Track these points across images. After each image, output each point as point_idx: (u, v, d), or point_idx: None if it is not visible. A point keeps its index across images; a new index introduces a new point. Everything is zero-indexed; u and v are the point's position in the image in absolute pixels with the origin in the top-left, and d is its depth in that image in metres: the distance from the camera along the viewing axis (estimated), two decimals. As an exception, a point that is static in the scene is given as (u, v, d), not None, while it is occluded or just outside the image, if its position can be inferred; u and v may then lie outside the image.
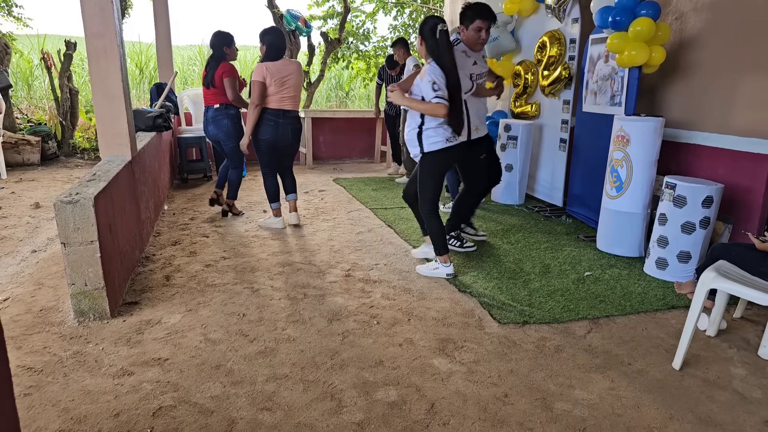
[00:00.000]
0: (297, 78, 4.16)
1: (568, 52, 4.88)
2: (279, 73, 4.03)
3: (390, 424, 1.97)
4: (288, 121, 4.17)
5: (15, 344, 2.47)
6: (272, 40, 4.06)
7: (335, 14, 10.65)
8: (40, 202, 5.15)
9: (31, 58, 10.34)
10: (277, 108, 4.09)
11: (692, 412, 2.10)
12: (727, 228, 3.62)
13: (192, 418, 1.98)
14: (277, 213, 4.46)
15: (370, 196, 5.71)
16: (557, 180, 5.15)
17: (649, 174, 3.73)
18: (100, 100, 3.32)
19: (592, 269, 3.60)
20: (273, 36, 4.07)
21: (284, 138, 4.20)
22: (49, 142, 7.48)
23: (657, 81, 4.30)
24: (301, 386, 2.19)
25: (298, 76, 4.17)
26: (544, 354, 2.50)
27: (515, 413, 2.05)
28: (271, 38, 4.06)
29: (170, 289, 3.16)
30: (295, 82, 4.14)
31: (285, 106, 4.12)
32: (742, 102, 3.58)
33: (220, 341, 2.55)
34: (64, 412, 1.99)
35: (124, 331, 2.63)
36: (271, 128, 4.13)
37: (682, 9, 4.06)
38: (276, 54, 4.07)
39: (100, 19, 3.15)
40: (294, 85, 4.14)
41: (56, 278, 3.28)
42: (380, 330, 2.70)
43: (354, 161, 8.38)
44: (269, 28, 4.14)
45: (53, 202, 2.57)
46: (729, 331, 2.79)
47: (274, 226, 4.45)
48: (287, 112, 4.15)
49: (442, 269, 3.40)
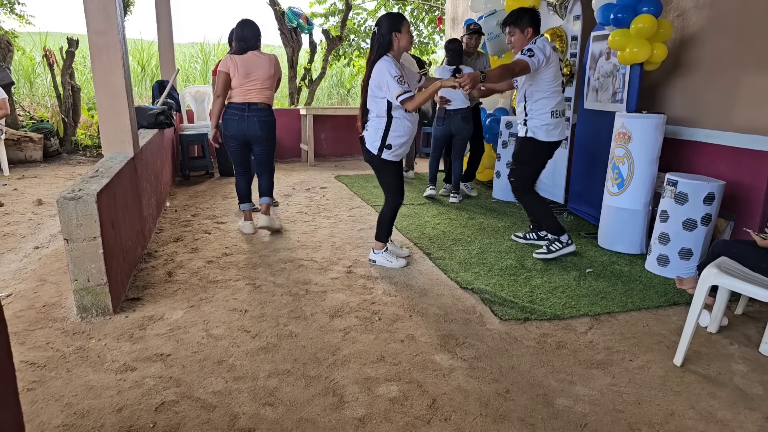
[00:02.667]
0: (266, 71, 3.98)
1: (569, 49, 4.87)
2: (245, 64, 3.92)
3: (391, 419, 1.98)
4: (254, 113, 3.98)
5: (18, 340, 2.48)
6: (240, 33, 3.96)
7: (337, 11, 10.65)
8: (42, 198, 5.16)
9: (33, 55, 10.35)
10: (242, 101, 3.96)
11: (693, 408, 2.10)
12: (729, 225, 3.62)
13: (194, 413, 1.99)
14: (247, 216, 4.24)
15: (372, 193, 5.71)
16: (558, 177, 5.15)
17: (651, 171, 3.72)
18: (103, 97, 3.33)
19: (593, 266, 3.60)
20: (241, 28, 3.97)
21: (252, 130, 4.00)
22: (51, 139, 7.50)
23: (658, 78, 4.29)
24: (303, 382, 2.20)
25: (267, 69, 3.99)
26: (546, 350, 2.51)
27: (516, 409, 2.06)
28: (238, 30, 3.97)
29: (172, 285, 3.17)
30: (263, 75, 3.97)
31: (250, 99, 3.96)
32: (743, 99, 3.57)
33: (222, 337, 2.56)
34: (67, 407, 2.01)
35: (127, 326, 2.64)
36: (235, 123, 3.97)
37: (684, 6, 4.05)
38: (244, 46, 3.96)
39: (103, 16, 3.16)
40: (261, 78, 3.96)
41: (59, 274, 3.29)
42: (382, 326, 2.71)
43: (355, 158, 8.38)
44: (240, 20, 4.04)
45: (56, 199, 2.58)
46: (730, 328, 2.79)
47: (243, 230, 4.23)
48: (253, 104, 3.97)
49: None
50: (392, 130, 3.26)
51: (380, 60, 3.18)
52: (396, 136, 3.28)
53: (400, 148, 3.34)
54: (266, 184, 4.26)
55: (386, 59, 3.17)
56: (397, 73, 3.12)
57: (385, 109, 3.23)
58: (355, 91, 13.60)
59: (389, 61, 3.16)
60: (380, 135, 3.28)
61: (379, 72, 3.16)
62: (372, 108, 3.29)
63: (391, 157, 3.34)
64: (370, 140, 3.34)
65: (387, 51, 3.20)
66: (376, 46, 3.21)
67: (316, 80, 10.09)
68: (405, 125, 3.28)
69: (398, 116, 3.25)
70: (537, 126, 3.59)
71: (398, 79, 3.11)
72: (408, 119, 3.28)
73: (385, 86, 3.15)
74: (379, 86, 3.18)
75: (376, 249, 3.59)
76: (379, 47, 3.20)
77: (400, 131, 3.27)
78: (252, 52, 3.98)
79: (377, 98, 3.23)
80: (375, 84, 3.20)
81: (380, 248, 3.58)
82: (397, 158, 3.37)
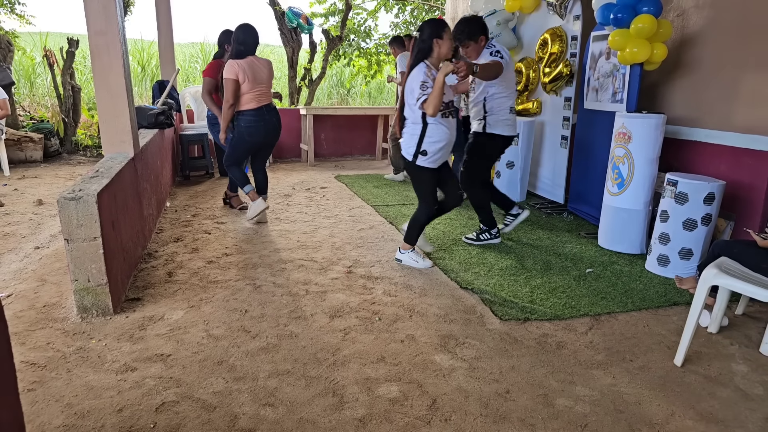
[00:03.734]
0: (267, 74, 4.16)
1: (569, 49, 4.88)
2: (251, 69, 4.00)
3: (392, 419, 1.98)
4: (272, 114, 4.17)
5: (19, 340, 2.48)
6: (240, 36, 4.00)
7: (337, 11, 10.63)
8: (42, 198, 5.16)
9: (33, 55, 10.33)
10: (258, 106, 4.07)
11: (694, 408, 2.10)
12: (729, 225, 3.62)
13: (195, 414, 1.99)
14: (254, 195, 4.35)
15: (372, 193, 5.71)
16: (559, 177, 5.15)
17: (651, 171, 3.72)
18: (103, 98, 3.33)
19: (593, 266, 3.60)
20: (242, 32, 4.02)
21: (273, 132, 4.23)
22: (51, 139, 7.50)
23: (658, 78, 4.29)
24: (303, 382, 2.20)
25: (269, 72, 4.17)
26: (546, 350, 2.51)
27: (517, 409, 2.06)
28: (239, 34, 4.01)
29: (173, 285, 3.17)
30: (266, 78, 4.14)
31: (263, 102, 4.11)
32: (743, 99, 3.57)
33: (222, 337, 2.56)
34: (67, 408, 2.01)
35: (127, 327, 2.64)
36: (261, 128, 4.13)
37: (684, 6, 4.05)
38: (243, 50, 4.02)
39: (103, 16, 3.16)
40: (266, 81, 4.14)
41: (59, 274, 3.29)
42: (382, 326, 2.71)
43: (355, 158, 8.38)
44: (242, 24, 4.09)
45: (57, 199, 2.58)
46: (731, 328, 2.79)
47: (259, 209, 4.32)
48: (266, 106, 4.14)
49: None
50: (428, 135, 3.24)
51: (416, 68, 3.20)
52: (432, 141, 3.25)
53: (437, 154, 3.29)
54: (264, 179, 4.51)
55: (420, 66, 3.19)
56: (425, 78, 3.12)
57: (420, 115, 3.22)
58: (355, 91, 13.60)
59: (421, 68, 3.17)
60: (415, 141, 3.27)
61: (411, 78, 3.19)
62: (408, 115, 3.30)
63: (426, 164, 3.30)
64: (405, 147, 3.35)
65: (426, 57, 3.22)
66: (416, 52, 3.24)
67: (316, 80, 10.09)
68: (442, 130, 3.24)
69: (433, 122, 3.22)
70: (497, 121, 3.76)
71: (423, 85, 3.11)
72: (444, 124, 3.24)
73: (414, 93, 3.16)
74: (411, 93, 3.19)
75: (403, 248, 3.60)
76: (418, 53, 3.23)
77: (436, 137, 3.24)
78: (251, 57, 4.06)
79: (410, 105, 3.25)
80: (408, 90, 3.22)
81: (407, 248, 3.60)
82: (433, 164, 3.33)
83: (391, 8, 11.92)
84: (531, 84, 5.42)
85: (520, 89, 5.52)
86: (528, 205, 5.29)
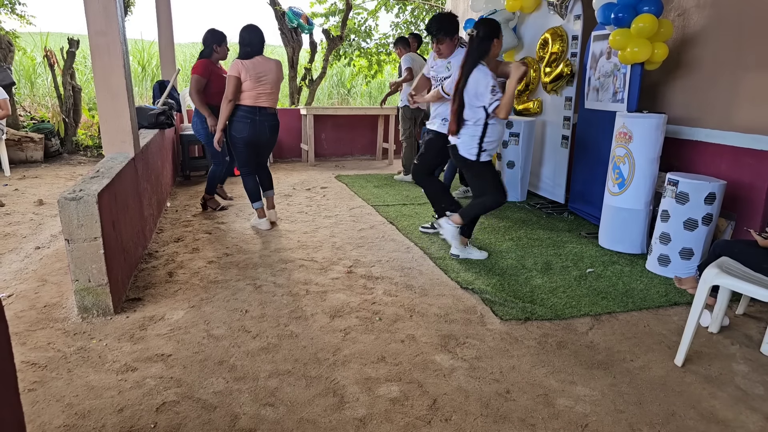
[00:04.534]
0: (275, 76, 4.11)
1: (570, 48, 4.87)
2: (255, 69, 3.99)
3: (392, 419, 1.98)
4: (264, 118, 4.11)
5: (19, 340, 2.48)
6: (246, 37, 4.01)
7: (337, 11, 10.64)
8: (43, 199, 5.16)
9: (34, 55, 10.34)
10: (252, 105, 4.04)
11: (694, 408, 2.10)
12: (730, 225, 3.61)
13: (195, 414, 1.99)
14: (261, 213, 4.38)
15: (372, 193, 5.71)
16: (559, 177, 5.15)
17: (652, 171, 3.72)
18: (103, 98, 3.33)
19: (594, 266, 3.60)
20: (247, 33, 4.02)
21: (262, 135, 4.15)
22: (52, 139, 7.51)
23: (659, 78, 4.29)
24: (304, 382, 2.20)
25: (276, 73, 4.12)
26: (546, 350, 2.51)
27: (517, 409, 2.06)
28: (245, 35, 4.02)
29: (173, 285, 3.17)
30: (272, 79, 4.08)
31: (261, 103, 4.06)
32: (744, 99, 3.57)
33: (222, 337, 2.56)
34: (68, 408, 2.01)
35: (128, 327, 2.64)
36: (247, 126, 4.07)
37: (685, 5, 4.05)
38: (251, 51, 4.02)
39: (103, 16, 3.16)
40: (271, 82, 4.08)
41: (60, 275, 3.30)
42: (382, 326, 2.71)
43: (356, 158, 8.38)
44: (246, 25, 4.10)
45: (57, 199, 2.58)
46: (731, 328, 2.79)
47: (260, 227, 4.38)
48: (263, 109, 4.08)
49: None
50: (487, 135, 3.40)
51: (476, 69, 3.27)
52: (490, 141, 3.42)
53: (492, 148, 3.48)
54: (267, 177, 4.46)
55: (483, 68, 3.26)
56: (493, 82, 3.22)
57: (483, 117, 3.33)
58: (355, 91, 13.60)
59: (486, 71, 3.26)
60: (476, 142, 3.40)
61: (477, 82, 3.26)
62: (469, 116, 3.39)
63: (485, 158, 3.47)
64: (465, 148, 3.45)
65: (483, 57, 3.29)
66: (475, 51, 3.29)
67: (316, 80, 10.10)
68: (498, 130, 3.44)
69: (493, 122, 3.37)
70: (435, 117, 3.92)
71: (493, 90, 3.22)
72: (500, 123, 3.43)
73: (482, 96, 3.26)
74: (477, 96, 3.28)
75: (461, 244, 3.71)
76: (477, 53, 3.29)
77: (494, 136, 3.42)
78: (258, 56, 4.05)
79: (475, 107, 3.33)
80: (473, 93, 3.29)
81: (464, 243, 3.73)
82: (489, 157, 3.49)
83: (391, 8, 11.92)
84: (531, 84, 5.41)
85: (520, 89, 5.53)
86: (528, 204, 5.29)
